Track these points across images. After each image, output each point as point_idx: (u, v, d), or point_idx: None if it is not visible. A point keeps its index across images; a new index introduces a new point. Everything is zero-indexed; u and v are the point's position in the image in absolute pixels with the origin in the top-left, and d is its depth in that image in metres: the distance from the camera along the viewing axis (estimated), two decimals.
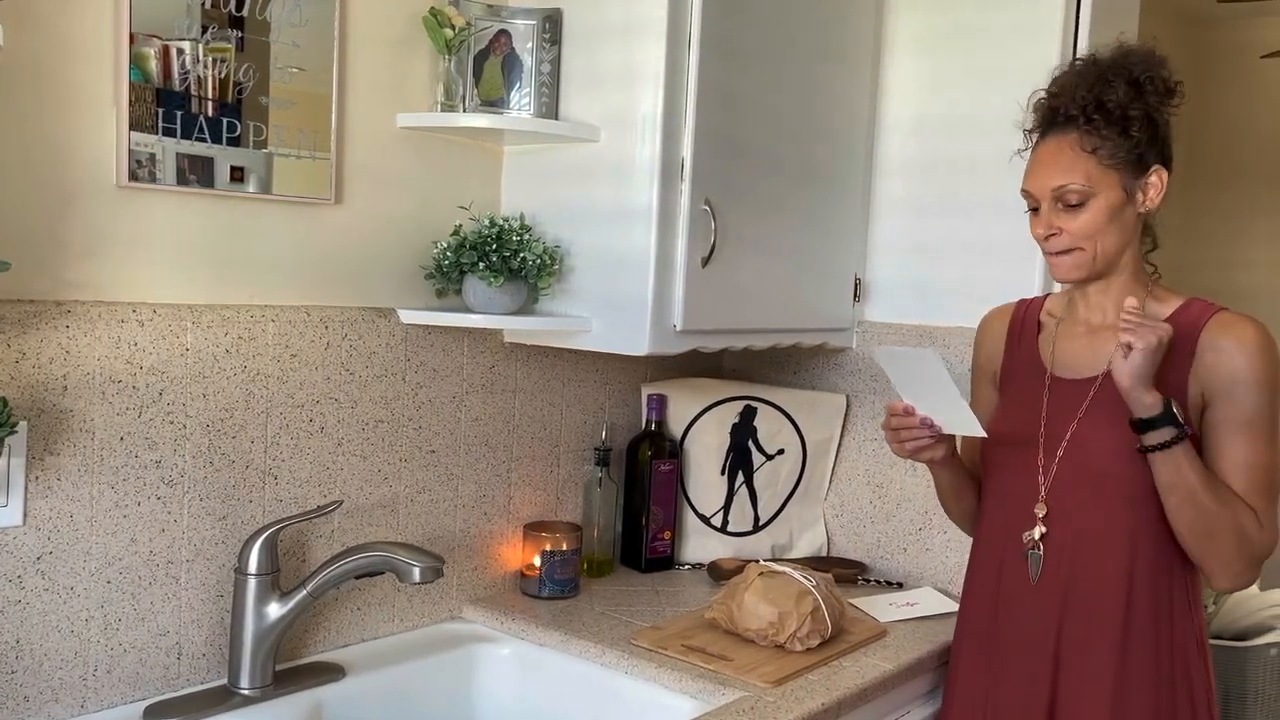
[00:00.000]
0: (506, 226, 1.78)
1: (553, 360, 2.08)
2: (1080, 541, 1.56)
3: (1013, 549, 1.62)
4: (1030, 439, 1.61)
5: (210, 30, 1.52)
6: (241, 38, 1.55)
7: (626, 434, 2.26)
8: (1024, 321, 1.73)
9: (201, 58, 1.51)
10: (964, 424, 1.58)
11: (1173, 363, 1.51)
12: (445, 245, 1.78)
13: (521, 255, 1.76)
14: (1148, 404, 1.44)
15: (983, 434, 1.59)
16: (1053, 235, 1.54)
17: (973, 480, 1.77)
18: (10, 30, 1.32)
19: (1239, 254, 4.74)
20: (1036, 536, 1.59)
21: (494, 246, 1.75)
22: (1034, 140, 1.60)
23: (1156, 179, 1.54)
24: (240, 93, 1.56)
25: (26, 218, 1.38)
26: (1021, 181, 1.59)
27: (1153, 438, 1.46)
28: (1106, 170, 1.51)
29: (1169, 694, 1.55)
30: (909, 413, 1.61)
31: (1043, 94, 1.59)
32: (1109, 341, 1.58)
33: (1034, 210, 1.57)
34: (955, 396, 1.55)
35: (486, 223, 1.78)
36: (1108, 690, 1.54)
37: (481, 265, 1.75)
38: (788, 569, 1.83)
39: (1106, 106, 1.50)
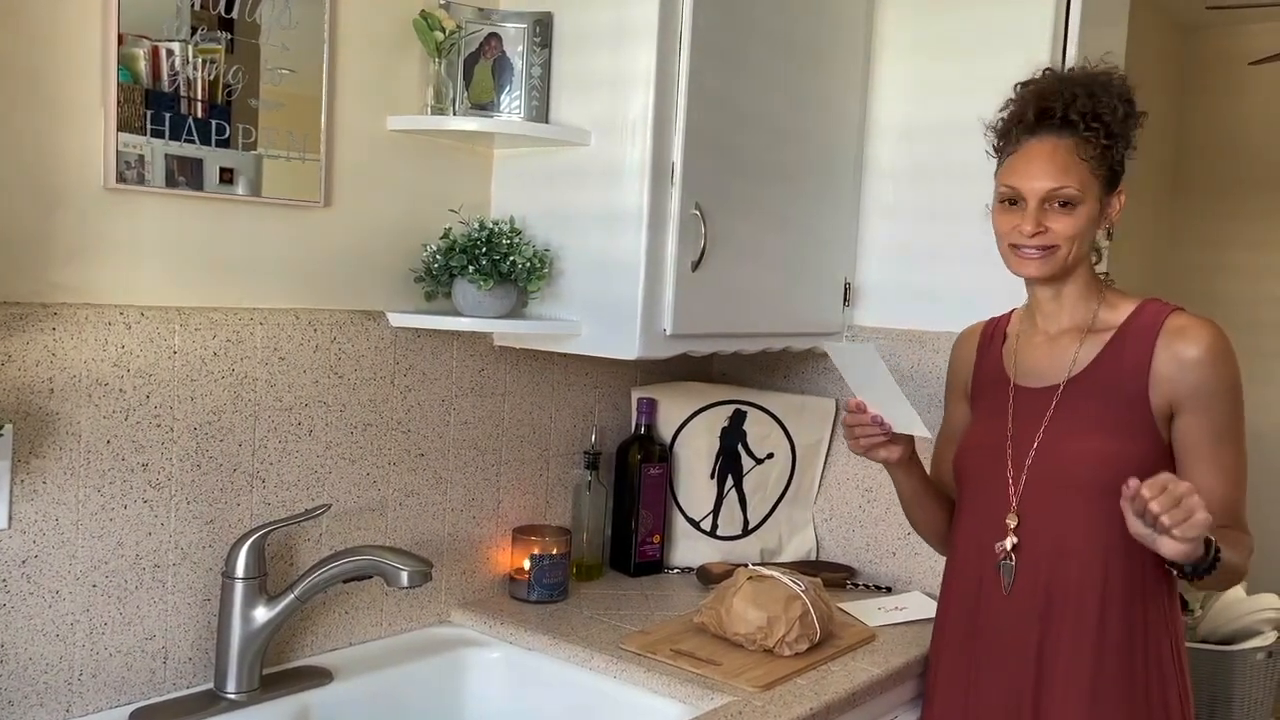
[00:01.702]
0: (496, 230, 1.78)
1: (542, 364, 2.08)
2: (1053, 551, 1.57)
3: (986, 559, 1.62)
4: (998, 449, 1.62)
5: (200, 31, 1.51)
6: (231, 39, 1.55)
7: (616, 437, 2.26)
8: (992, 337, 1.76)
9: (191, 59, 1.50)
10: (907, 420, 1.61)
11: (1131, 369, 1.54)
12: (435, 248, 1.78)
13: (511, 258, 1.76)
14: (1198, 555, 1.38)
15: (925, 433, 1.62)
16: (1039, 233, 1.55)
17: (935, 491, 1.78)
18: None
19: (1225, 258, 4.77)
20: (1009, 547, 1.60)
21: (484, 250, 1.75)
22: (1019, 136, 1.59)
23: (1119, 199, 1.59)
24: (230, 94, 1.55)
25: (13, 219, 1.37)
26: (1004, 175, 1.59)
27: (1199, 571, 1.41)
28: (1092, 180, 1.55)
29: (1144, 700, 1.55)
30: (861, 409, 1.64)
31: (1030, 92, 1.59)
32: (1068, 348, 1.61)
33: (1009, 203, 1.58)
34: (896, 392, 1.58)
35: (476, 226, 1.78)
36: (1084, 697, 1.55)
37: (471, 268, 1.75)
38: (777, 573, 1.83)
39: (1103, 119, 1.54)
